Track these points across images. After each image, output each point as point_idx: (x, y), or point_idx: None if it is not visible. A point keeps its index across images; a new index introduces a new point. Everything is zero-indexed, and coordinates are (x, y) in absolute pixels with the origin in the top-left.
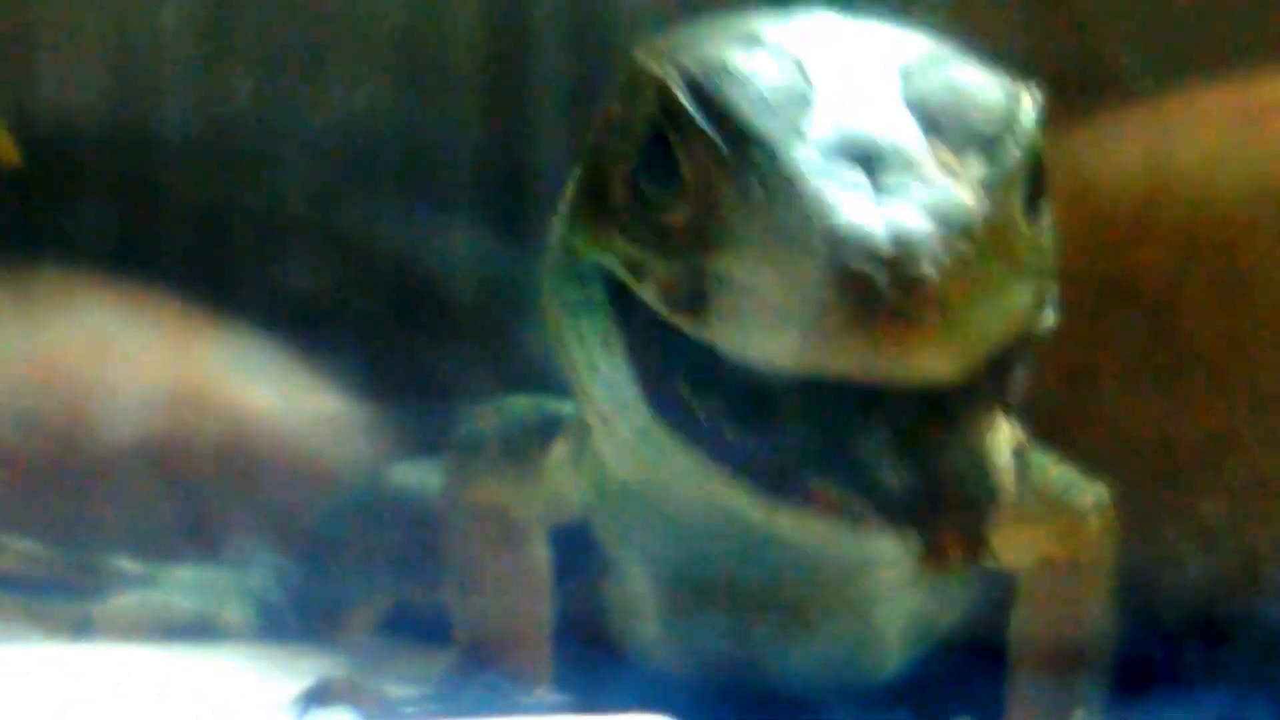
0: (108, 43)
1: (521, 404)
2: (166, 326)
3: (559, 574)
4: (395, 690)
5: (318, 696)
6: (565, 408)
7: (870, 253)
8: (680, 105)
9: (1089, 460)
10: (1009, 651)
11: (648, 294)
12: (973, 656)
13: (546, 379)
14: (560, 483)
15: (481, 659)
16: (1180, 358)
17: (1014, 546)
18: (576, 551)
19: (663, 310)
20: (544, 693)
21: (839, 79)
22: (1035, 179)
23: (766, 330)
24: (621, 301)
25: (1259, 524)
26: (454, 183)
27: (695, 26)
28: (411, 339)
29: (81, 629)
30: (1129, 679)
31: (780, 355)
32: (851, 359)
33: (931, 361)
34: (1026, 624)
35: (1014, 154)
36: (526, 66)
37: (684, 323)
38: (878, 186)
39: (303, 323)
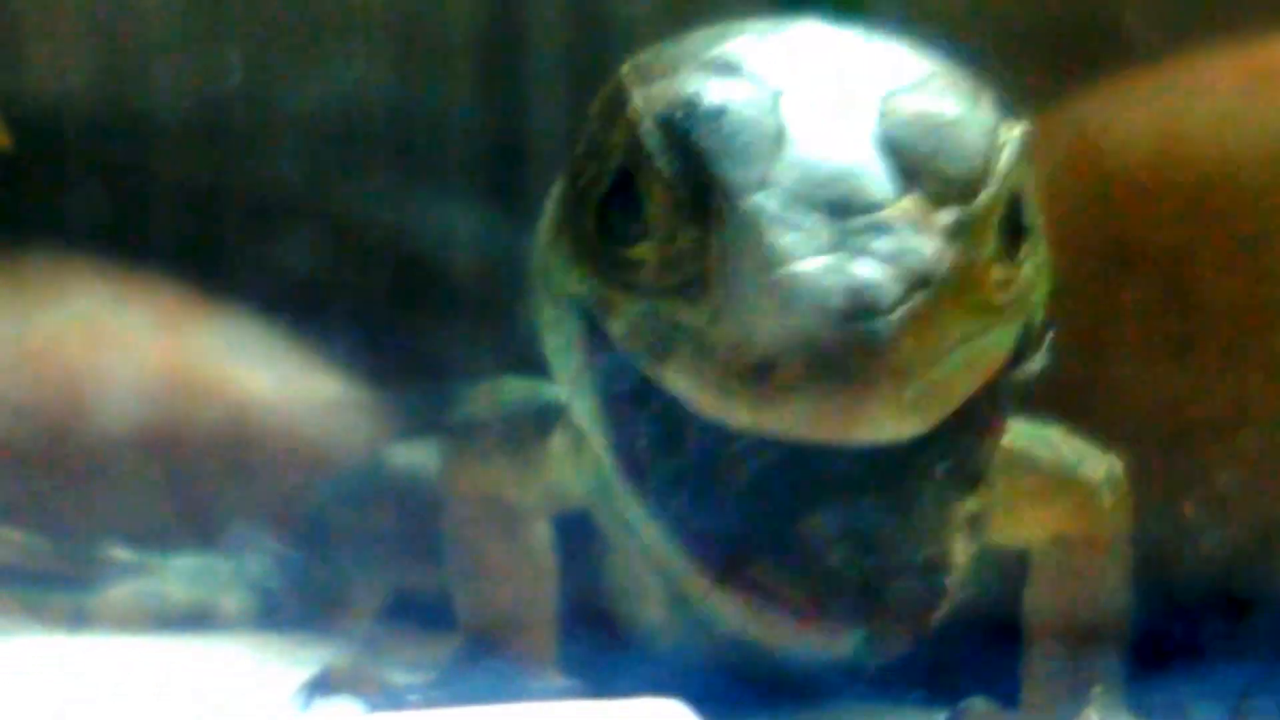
0: (98, 24)
1: (519, 388)
2: (161, 311)
3: (564, 558)
4: (399, 677)
5: (321, 685)
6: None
7: (825, 309)
8: (647, 148)
9: (1102, 432)
10: (1024, 628)
11: (615, 331)
12: (988, 634)
13: (545, 361)
14: (561, 472)
15: (486, 645)
16: (1193, 326)
17: (1026, 523)
18: (582, 536)
19: (627, 347)
20: (550, 678)
21: (814, 114)
22: (1015, 216)
23: (721, 383)
24: (594, 332)
25: (1275, 495)
26: (451, 162)
27: (680, 43)
28: (409, 321)
29: (78, 620)
30: (1147, 653)
31: (733, 411)
32: (802, 419)
33: (885, 422)
34: (1041, 600)
35: (990, 196)
36: (523, 44)
37: (646, 367)
38: (840, 237)
39: (299, 306)
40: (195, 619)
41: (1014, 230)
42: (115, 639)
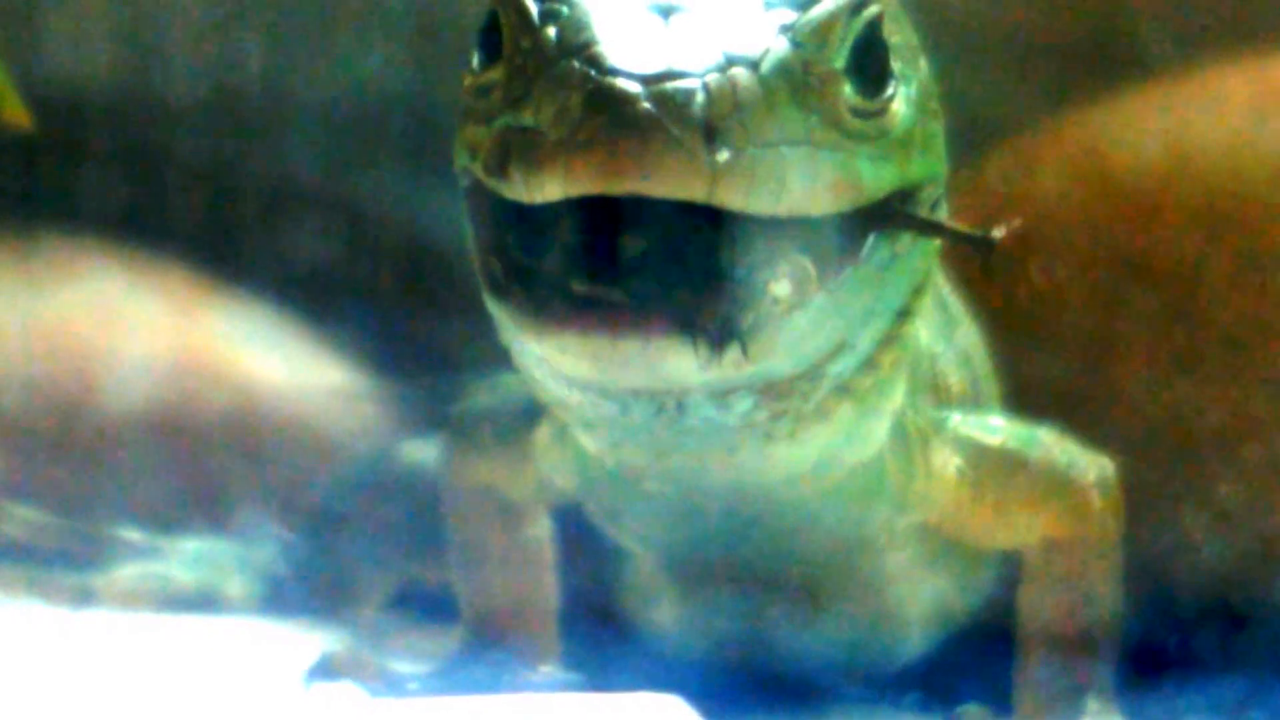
0: (117, 8)
1: (512, 382)
2: (174, 296)
3: (566, 553)
4: (401, 665)
5: (323, 670)
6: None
7: (634, 74)
8: None
9: (1105, 442)
10: (1016, 633)
11: (478, 168)
12: (993, 642)
13: None
14: (548, 465)
15: (488, 637)
16: (1199, 339)
17: (1017, 524)
18: (584, 530)
19: (485, 179)
20: (551, 671)
21: None
22: (876, 57)
23: (543, 164)
24: (478, 194)
25: (1276, 509)
26: None
27: None
28: (421, 311)
29: (84, 599)
30: (1144, 665)
31: (546, 180)
32: (603, 172)
33: (691, 180)
34: (1032, 605)
35: (829, 11)
36: None
37: (495, 185)
38: (668, 30)
39: (311, 293)
40: (200, 602)
41: (878, 73)
42: (120, 619)
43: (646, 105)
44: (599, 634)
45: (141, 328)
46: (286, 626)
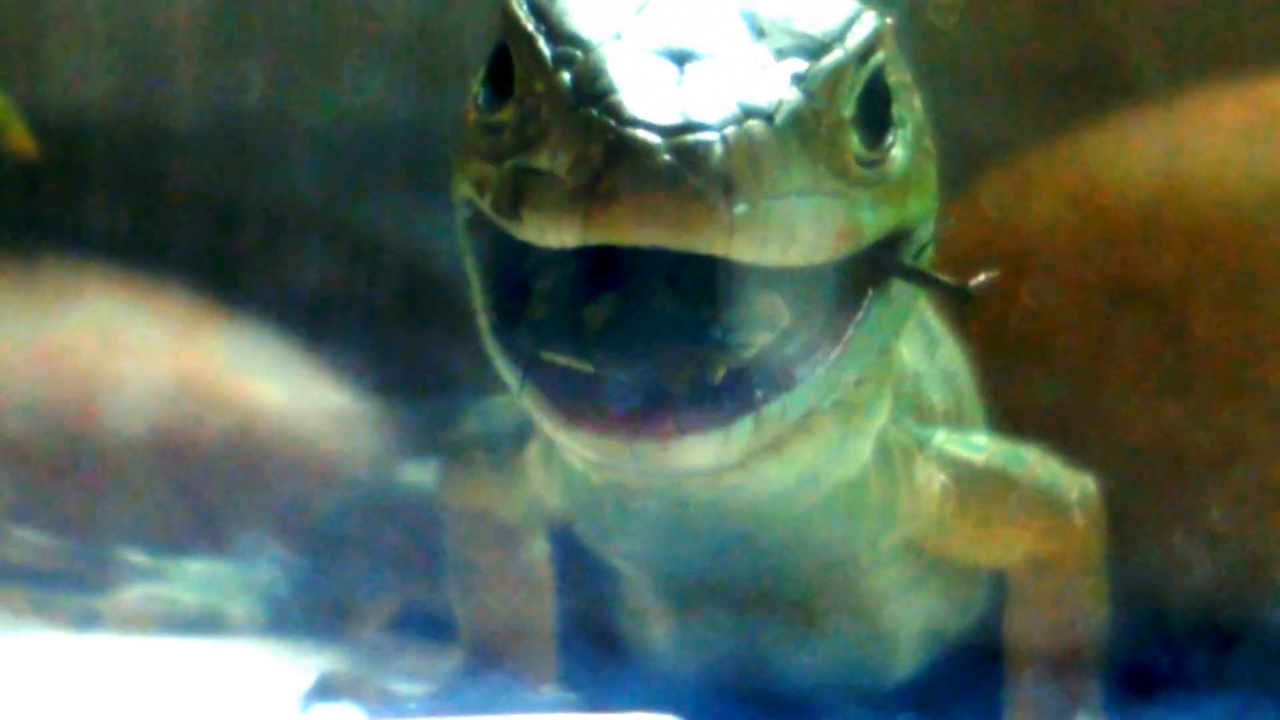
0: (120, 35)
1: (502, 405)
2: (175, 320)
3: (563, 574)
4: (401, 687)
5: (322, 691)
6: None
7: (654, 125)
8: (513, 10)
9: (1096, 463)
10: (1005, 654)
11: (486, 206)
12: (985, 662)
13: None
14: (538, 484)
15: (486, 658)
16: (1190, 362)
17: (1000, 541)
18: (581, 551)
19: (494, 216)
20: (550, 691)
21: None
22: (882, 105)
23: (561, 211)
24: (480, 227)
25: (1268, 530)
26: None
27: None
28: (421, 334)
29: (88, 621)
30: (1136, 684)
31: (567, 229)
32: (627, 224)
33: (709, 233)
34: (1019, 625)
35: (839, 60)
36: None
37: (508, 226)
38: (683, 79)
39: (312, 317)
40: (203, 624)
41: (881, 119)
42: (123, 641)
43: (668, 158)
44: (597, 655)
45: (143, 351)
46: (289, 648)
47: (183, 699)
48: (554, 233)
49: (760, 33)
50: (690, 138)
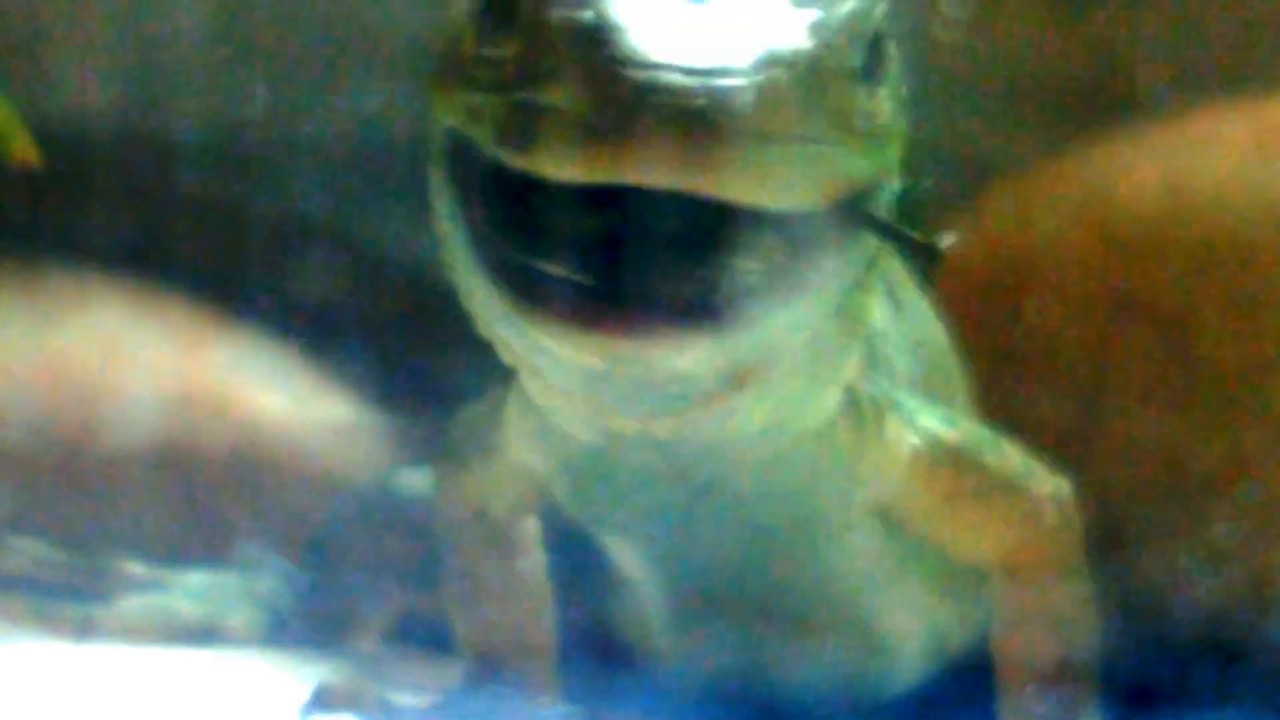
0: (124, 45)
1: (483, 405)
2: (177, 330)
3: (564, 585)
4: (401, 698)
5: (322, 702)
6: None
7: (684, 68)
8: None
9: (1100, 479)
10: (995, 666)
11: (482, 135)
12: (983, 674)
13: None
14: (521, 452)
15: (487, 669)
16: (1194, 378)
17: (970, 528)
18: (583, 562)
19: (495, 149)
20: (550, 703)
21: None
22: (876, 51)
23: (587, 150)
24: (462, 157)
25: (1271, 546)
26: None
27: None
28: (423, 346)
29: (87, 632)
30: (1138, 701)
31: (595, 167)
32: (662, 166)
33: (736, 180)
34: (1006, 640)
35: (857, 11)
36: None
37: (512, 158)
38: (707, 23)
39: (314, 328)
40: (203, 634)
41: (876, 69)
42: (123, 651)
43: (701, 101)
44: (597, 665)
45: (145, 362)
46: (288, 658)
47: (182, 709)
48: (573, 169)
49: None
50: (722, 83)
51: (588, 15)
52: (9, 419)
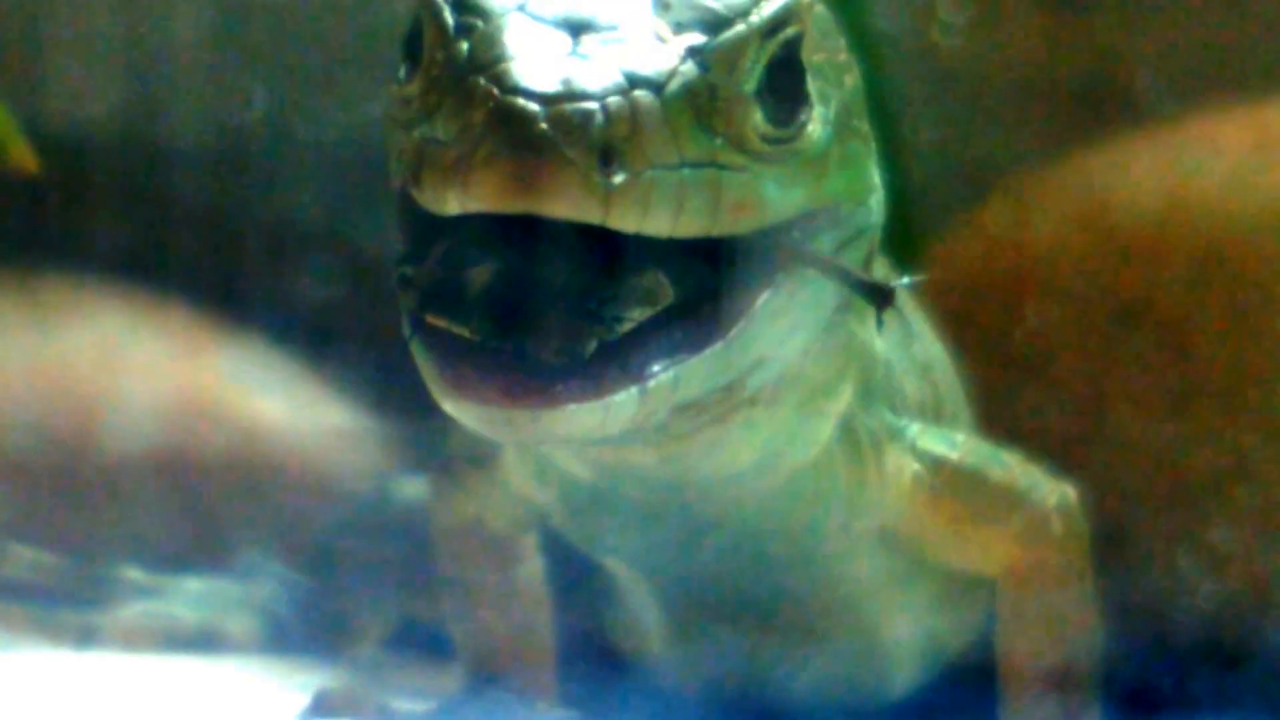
0: (122, 52)
1: None
2: (176, 337)
3: (562, 591)
4: (400, 704)
5: (321, 708)
6: None
7: (535, 92)
8: None
9: (1101, 484)
10: (998, 671)
11: (399, 174)
12: (984, 680)
13: None
14: (520, 483)
15: (485, 676)
16: (1193, 383)
17: (977, 544)
18: (581, 568)
19: (400, 185)
20: (549, 708)
21: None
22: (793, 79)
23: (446, 178)
24: (403, 197)
25: (1271, 550)
26: None
27: None
28: None
29: (87, 639)
30: (1139, 706)
31: (453, 198)
32: (498, 190)
33: (583, 200)
34: (1007, 641)
35: (740, 34)
36: None
37: (411, 190)
38: (573, 47)
39: (313, 335)
40: (202, 641)
41: (794, 96)
42: (122, 658)
43: (544, 126)
44: (595, 671)
45: (144, 368)
46: (288, 665)
47: (182, 716)
48: (442, 200)
49: (665, 6)
50: (569, 106)
51: (468, 49)
52: (8, 426)
